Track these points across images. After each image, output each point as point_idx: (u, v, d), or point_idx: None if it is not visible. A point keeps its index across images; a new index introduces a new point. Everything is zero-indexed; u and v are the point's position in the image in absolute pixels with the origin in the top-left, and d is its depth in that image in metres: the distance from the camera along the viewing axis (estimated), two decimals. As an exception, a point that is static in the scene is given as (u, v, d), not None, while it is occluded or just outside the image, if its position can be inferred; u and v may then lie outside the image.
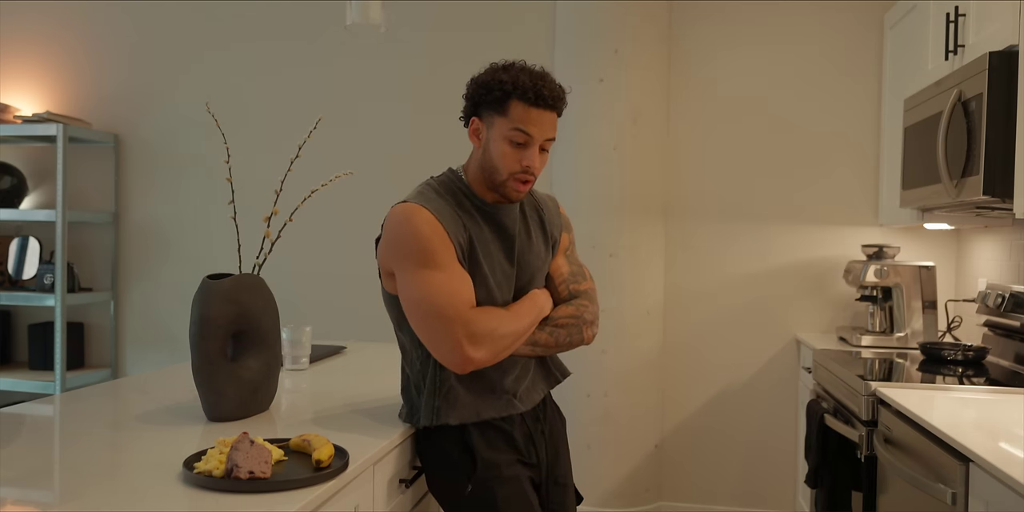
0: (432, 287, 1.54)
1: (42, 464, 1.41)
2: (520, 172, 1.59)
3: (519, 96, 1.56)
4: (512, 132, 1.57)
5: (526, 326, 1.65)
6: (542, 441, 1.75)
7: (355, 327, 3.27)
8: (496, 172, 1.61)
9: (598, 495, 3.30)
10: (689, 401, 3.53)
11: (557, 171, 3.45)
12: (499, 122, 1.59)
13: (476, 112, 1.63)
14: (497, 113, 1.59)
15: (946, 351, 2.59)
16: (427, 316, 1.55)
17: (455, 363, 1.55)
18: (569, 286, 1.78)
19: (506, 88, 1.56)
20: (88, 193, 3.93)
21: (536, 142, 1.59)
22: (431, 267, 1.55)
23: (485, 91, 1.59)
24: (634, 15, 3.33)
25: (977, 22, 2.26)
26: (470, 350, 1.53)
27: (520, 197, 1.64)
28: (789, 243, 3.46)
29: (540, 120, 1.57)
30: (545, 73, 1.60)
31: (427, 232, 1.55)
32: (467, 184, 1.67)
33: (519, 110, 1.56)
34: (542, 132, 1.59)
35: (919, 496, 1.75)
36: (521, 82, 1.55)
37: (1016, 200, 1.98)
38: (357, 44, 3.71)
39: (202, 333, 1.62)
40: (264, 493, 1.23)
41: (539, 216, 1.77)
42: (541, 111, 1.57)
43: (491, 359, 1.58)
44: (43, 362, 3.81)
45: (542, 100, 1.56)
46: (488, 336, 1.55)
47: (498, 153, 1.59)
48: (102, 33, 3.95)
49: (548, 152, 1.64)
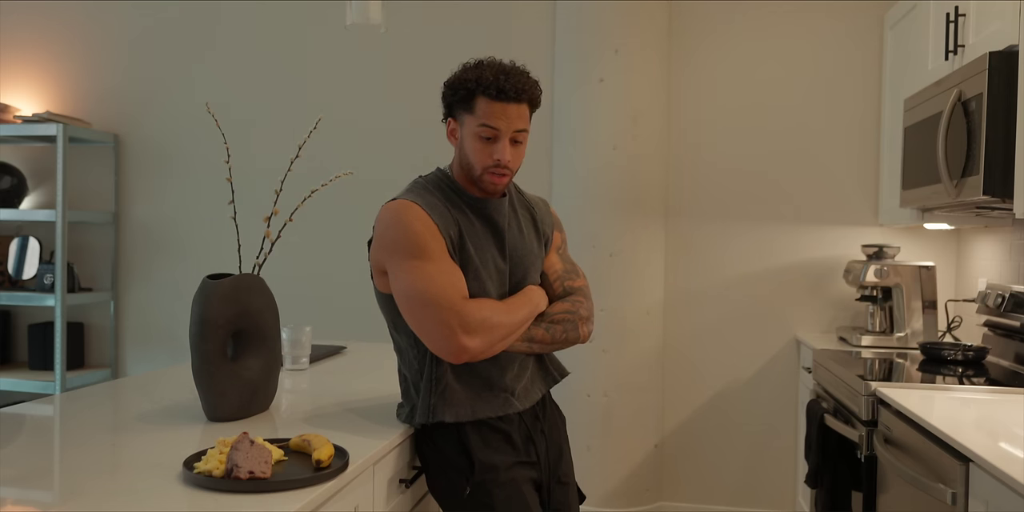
0: (425, 277, 1.55)
1: (42, 464, 1.41)
2: (492, 166, 1.62)
3: (482, 92, 1.59)
4: (480, 128, 1.61)
5: (521, 319, 1.65)
6: (542, 440, 1.74)
7: (355, 327, 3.27)
8: (472, 168, 1.64)
9: (598, 495, 3.30)
10: (689, 401, 3.53)
11: (557, 171, 3.45)
12: (468, 120, 1.63)
13: (451, 113, 1.67)
14: (466, 111, 1.63)
15: (946, 351, 2.59)
16: (421, 306, 1.56)
17: (449, 352, 1.55)
18: (564, 283, 1.79)
19: (469, 86, 1.60)
20: (88, 193, 3.94)
21: (505, 135, 1.61)
22: (423, 259, 1.56)
23: (452, 92, 1.64)
24: (634, 15, 3.33)
25: (977, 22, 2.26)
26: (464, 339, 1.54)
27: (497, 190, 1.66)
28: (789, 243, 3.46)
29: (505, 113, 1.60)
30: (513, 67, 1.63)
31: (418, 227, 1.57)
32: (455, 180, 1.70)
33: (484, 106, 1.60)
34: (509, 125, 1.61)
35: (919, 496, 1.75)
36: (484, 79, 1.59)
37: (1016, 200, 1.98)
38: (357, 44, 3.71)
39: (202, 333, 1.62)
40: (264, 493, 1.23)
41: (531, 214, 1.79)
42: (506, 105, 1.60)
43: (486, 349, 1.58)
44: (43, 362, 3.81)
45: (504, 94, 1.58)
46: (482, 325, 1.56)
47: (470, 149, 1.63)
48: (102, 33, 3.95)
49: (524, 144, 1.66)
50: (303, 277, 3.69)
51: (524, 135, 1.65)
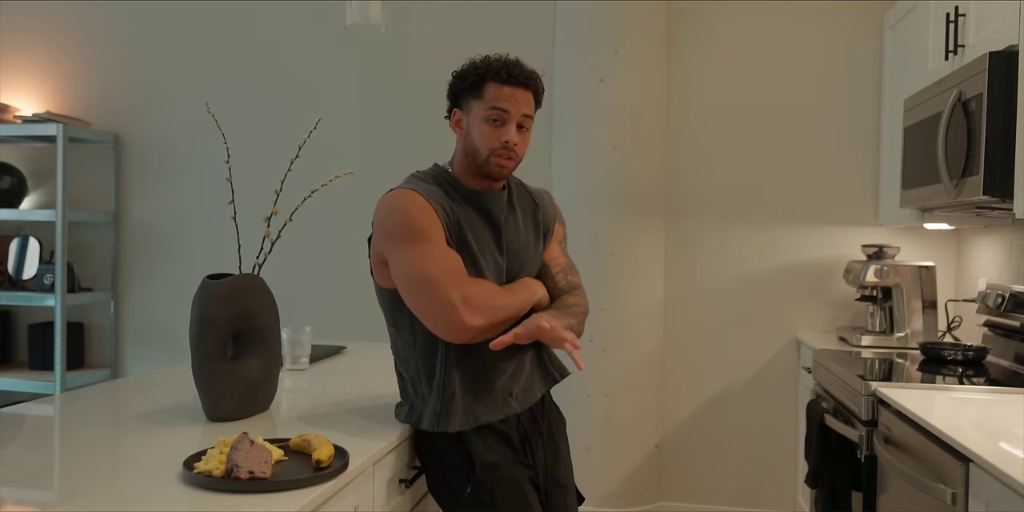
0: (425, 259, 1.57)
1: (42, 464, 1.41)
2: (500, 148, 1.64)
3: (492, 78, 1.64)
4: (489, 111, 1.64)
5: (520, 303, 1.66)
6: (539, 442, 1.74)
7: (355, 327, 3.27)
8: (477, 152, 1.66)
9: (598, 495, 3.30)
10: (689, 401, 3.53)
11: (557, 171, 3.45)
12: (476, 105, 1.66)
13: (457, 103, 1.71)
14: (474, 97, 1.66)
15: (946, 351, 2.59)
16: (422, 285, 1.56)
17: (450, 330, 1.56)
18: (568, 277, 1.80)
19: (479, 72, 1.65)
20: (88, 193, 3.93)
21: (513, 118, 1.65)
22: (422, 242, 1.58)
23: (461, 80, 1.68)
24: (634, 15, 3.33)
25: (977, 22, 2.26)
26: (467, 316, 1.54)
27: (504, 173, 1.68)
28: (789, 243, 3.46)
29: (514, 97, 1.64)
30: (517, 60, 1.69)
31: (417, 213, 1.59)
32: (453, 174, 1.72)
33: (493, 90, 1.64)
34: (518, 108, 1.65)
35: (919, 496, 1.75)
36: (493, 65, 1.65)
37: (1016, 200, 1.98)
38: (357, 45, 3.71)
39: (202, 333, 1.62)
40: (264, 493, 1.23)
41: (532, 207, 1.80)
42: (514, 89, 1.65)
43: (487, 328, 1.58)
44: (43, 362, 3.81)
45: (513, 78, 1.64)
46: (482, 303, 1.57)
47: (477, 133, 1.66)
48: (102, 33, 3.95)
49: (529, 132, 1.69)
50: (303, 277, 3.69)
51: (529, 122, 1.68)
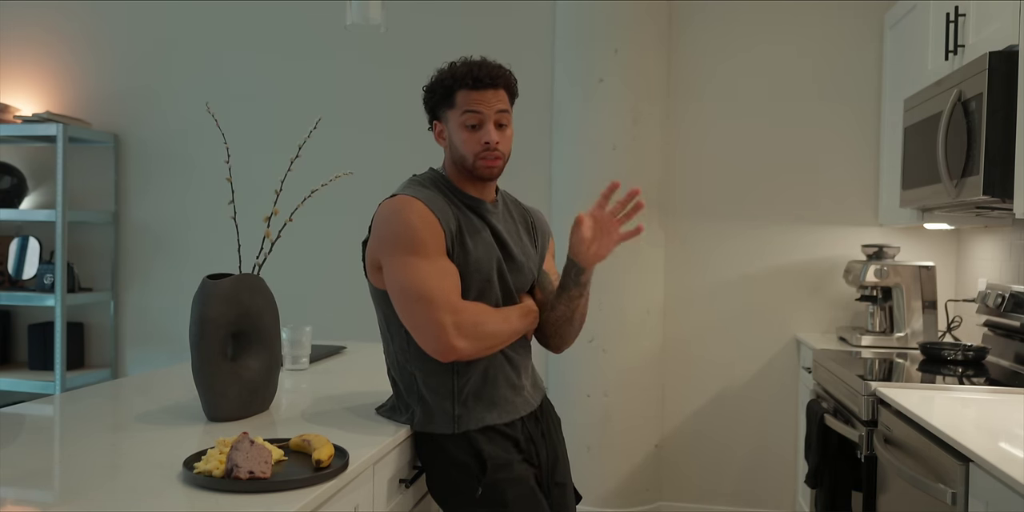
0: (421, 274, 1.57)
1: (42, 464, 1.41)
2: (483, 151, 1.65)
3: (460, 86, 1.65)
4: (464, 117, 1.66)
5: (512, 330, 1.67)
6: (542, 442, 1.76)
7: (355, 327, 3.26)
8: (464, 159, 1.67)
9: (598, 495, 3.29)
10: (689, 401, 3.53)
11: (557, 171, 3.45)
12: (451, 114, 1.68)
13: (435, 115, 1.72)
14: (448, 107, 1.68)
15: (946, 351, 2.59)
16: (414, 301, 1.57)
17: (437, 350, 1.56)
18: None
19: (447, 83, 1.66)
20: (88, 193, 3.93)
21: (489, 118, 1.66)
22: (420, 255, 1.58)
23: (432, 94, 1.71)
24: (634, 15, 3.33)
25: (977, 22, 2.26)
26: (456, 340, 1.55)
27: (494, 173, 1.69)
28: (789, 243, 3.46)
29: (484, 98, 1.65)
30: (483, 59, 1.69)
31: (417, 223, 1.59)
32: (450, 180, 1.73)
33: (463, 97, 1.65)
34: (490, 107, 1.66)
35: (919, 496, 1.75)
36: (459, 74, 1.66)
37: (1016, 200, 1.98)
38: (357, 45, 3.71)
39: (202, 333, 1.62)
40: (264, 493, 1.23)
41: (526, 220, 1.84)
42: (483, 92, 1.65)
43: (473, 353, 1.60)
44: (43, 362, 3.81)
45: (480, 82, 1.65)
46: (473, 329, 1.58)
47: (459, 141, 1.67)
48: (102, 33, 3.95)
49: (509, 127, 1.70)
50: (303, 277, 3.69)
51: (507, 117, 1.69)
